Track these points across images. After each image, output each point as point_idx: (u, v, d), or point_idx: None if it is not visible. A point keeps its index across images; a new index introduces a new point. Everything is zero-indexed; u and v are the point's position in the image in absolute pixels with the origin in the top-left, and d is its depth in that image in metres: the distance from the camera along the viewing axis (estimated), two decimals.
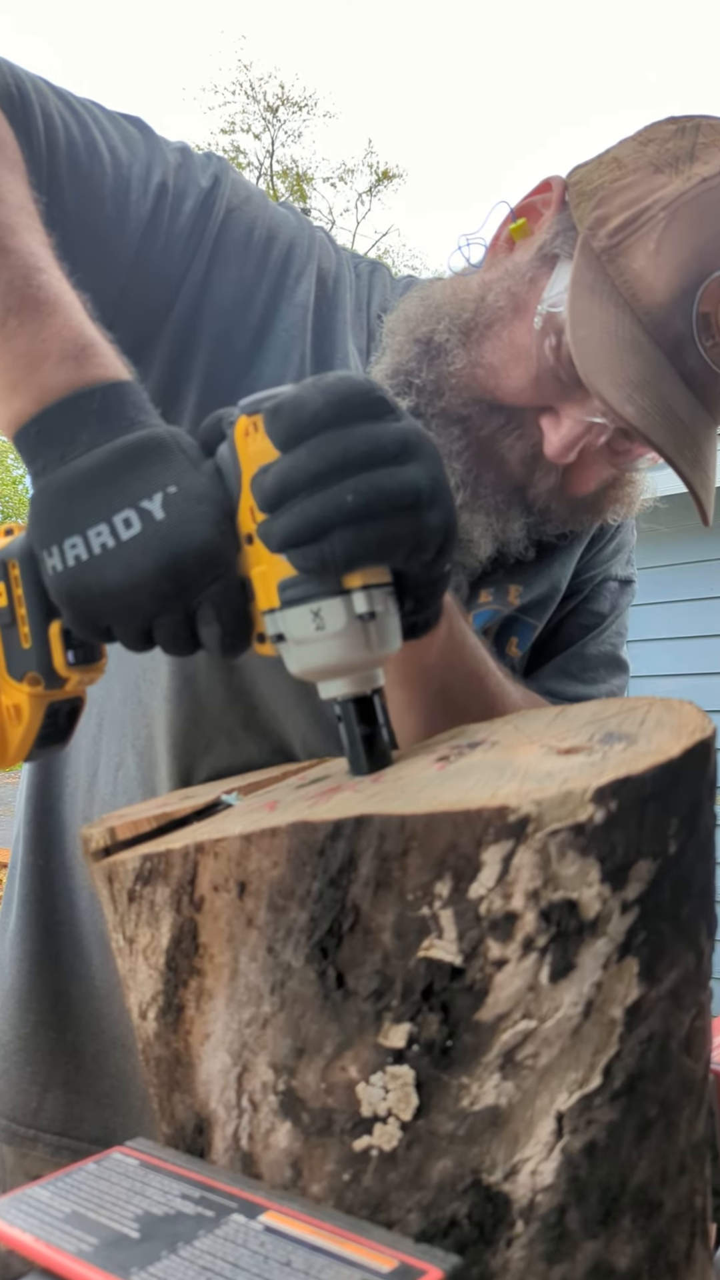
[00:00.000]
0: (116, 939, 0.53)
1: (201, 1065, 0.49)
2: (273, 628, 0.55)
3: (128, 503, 0.53)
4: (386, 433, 0.51)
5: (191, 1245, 0.39)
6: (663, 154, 0.72)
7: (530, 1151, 0.42)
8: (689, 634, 4.50)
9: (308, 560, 0.51)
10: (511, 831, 0.41)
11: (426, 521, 0.52)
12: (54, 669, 0.61)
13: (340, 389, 0.51)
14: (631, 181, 0.72)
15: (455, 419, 0.79)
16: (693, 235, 0.69)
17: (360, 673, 0.55)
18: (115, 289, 0.74)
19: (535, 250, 0.76)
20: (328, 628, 0.53)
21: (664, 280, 0.70)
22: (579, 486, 0.82)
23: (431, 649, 0.68)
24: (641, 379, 0.70)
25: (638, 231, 0.70)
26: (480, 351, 0.77)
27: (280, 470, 0.51)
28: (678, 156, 0.72)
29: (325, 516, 0.50)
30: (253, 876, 0.46)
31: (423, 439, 0.53)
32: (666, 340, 0.71)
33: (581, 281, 0.71)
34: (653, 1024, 0.43)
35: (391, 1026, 0.43)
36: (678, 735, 0.46)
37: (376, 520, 0.51)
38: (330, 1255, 0.38)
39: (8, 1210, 0.43)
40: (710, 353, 0.71)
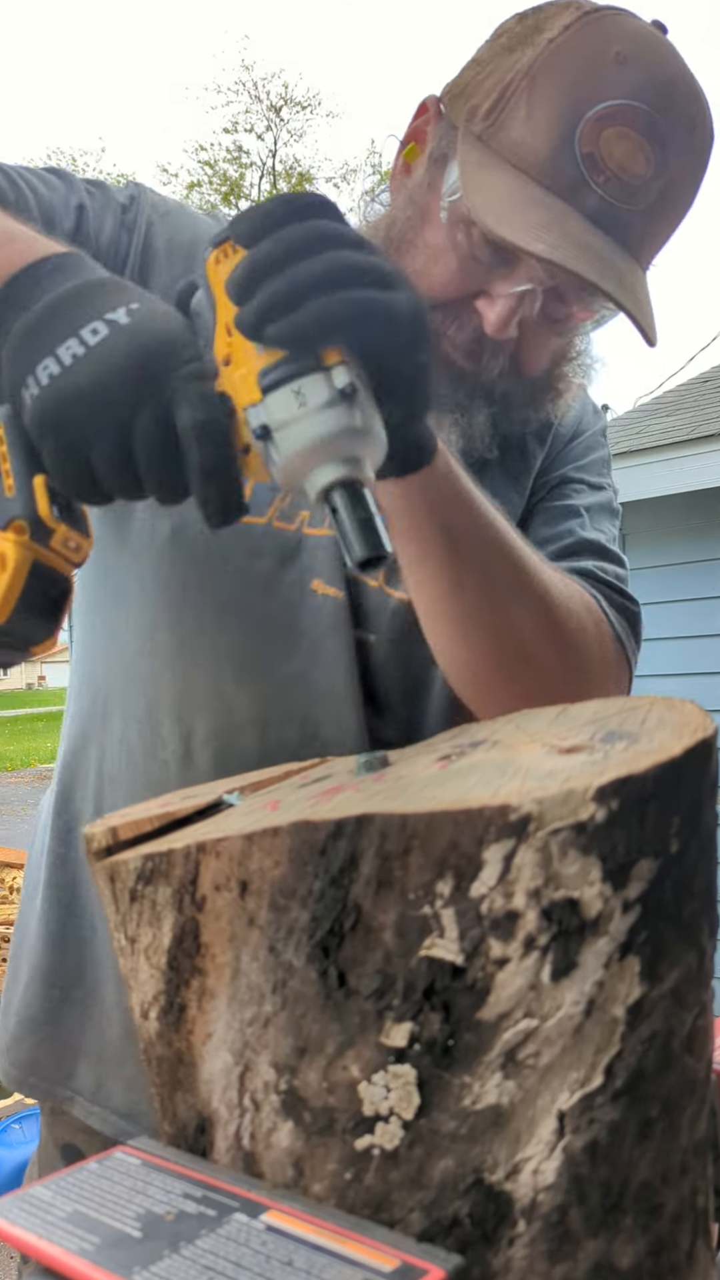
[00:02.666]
0: (118, 938, 0.53)
1: (203, 1065, 0.49)
2: (256, 421, 0.55)
3: (95, 316, 0.55)
4: (347, 229, 0.55)
5: (193, 1244, 0.39)
6: (512, 39, 0.77)
7: (532, 1150, 0.42)
8: (689, 634, 4.50)
9: (282, 333, 0.53)
10: (513, 830, 0.41)
11: (394, 300, 0.54)
12: (39, 516, 0.59)
13: (297, 196, 0.55)
14: (492, 69, 0.76)
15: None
16: (556, 90, 0.73)
17: (348, 453, 0.54)
18: None
19: (426, 160, 0.80)
20: (310, 402, 0.53)
21: (542, 137, 0.73)
22: (530, 365, 0.84)
23: (433, 488, 0.68)
24: (546, 222, 0.72)
25: (507, 106, 0.74)
26: (404, 261, 0.80)
27: (247, 259, 0.54)
28: (525, 34, 0.76)
29: (295, 289, 0.52)
30: (254, 876, 0.46)
31: (376, 246, 0.57)
32: (561, 187, 0.73)
33: (469, 161, 0.74)
34: (654, 1023, 0.43)
35: (393, 1025, 0.43)
36: (679, 734, 0.46)
37: (347, 289, 0.53)
38: (332, 1254, 0.38)
39: (10, 1209, 0.43)
40: (605, 188, 0.73)
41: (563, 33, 0.74)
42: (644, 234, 0.77)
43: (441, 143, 0.80)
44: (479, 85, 0.77)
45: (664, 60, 0.75)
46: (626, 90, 0.73)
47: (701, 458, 4.29)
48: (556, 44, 0.74)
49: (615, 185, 0.74)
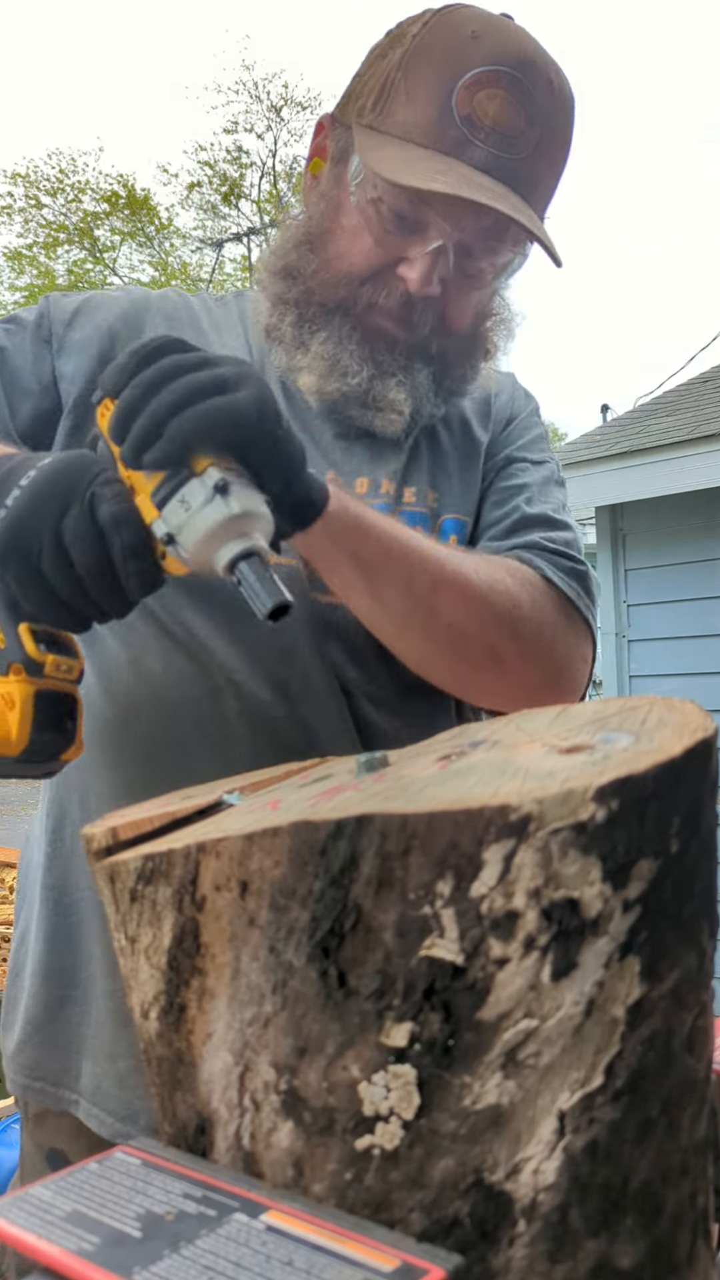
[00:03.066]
0: (118, 938, 0.53)
1: (203, 1065, 0.49)
2: (161, 532, 0.68)
3: (27, 470, 0.69)
4: (188, 356, 0.67)
5: (193, 1244, 0.39)
6: (383, 48, 0.89)
7: (532, 1150, 0.42)
8: (689, 634, 4.50)
9: (155, 459, 0.65)
10: (513, 830, 0.41)
11: (236, 401, 0.66)
12: (29, 655, 0.72)
13: (143, 345, 0.68)
14: (370, 75, 0.87)
15: (334, 309, 0.90)
16: (426, 71, 0.84)
17: (236, 534, 0.66)
18: (19, 414, 0.93)
19: (330, 163, 0.91)
20: (194, 505, 0.66)
21: (423, 111, 0.83)
22: (456, 319, 0.92)
23: (334, 528, 0.78)
24: (439, 169, 0.81)
25: (389, 95, 0.85)
26: (326, 249, 0.90)
27: (116, 409, 0.67)
28: (392, 41, 0.88)
29: (155, 421, 0.64)
30: (254, 876, 0.46)
31: (226, 358, 0.69)
32: (449, 147, 0.82)
33: (366, 146, 0.84)
34: (654, 1023, 0.43)
35: (393, 1025, 0.43)
36: (679, 734, 0.46)
37: (196, 405, 0.64)
38: (332, 1255, 0.38)
39: (9, 1209, 0.43)
40: (487, 142, 0.83)
41: (423, 29, 0.85)
42: (530, 180, 0.85)
43: (339, 144, 0.89)
44: (362, 88, 0.87)
45: (514, 33, 0.85)
46: (487, 58, 0.82)
47: (701, 458, 4.29)
48: (419, 38, 0.85)
49: (495, 138, 0.82)
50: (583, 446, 4.97)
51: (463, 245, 0.86)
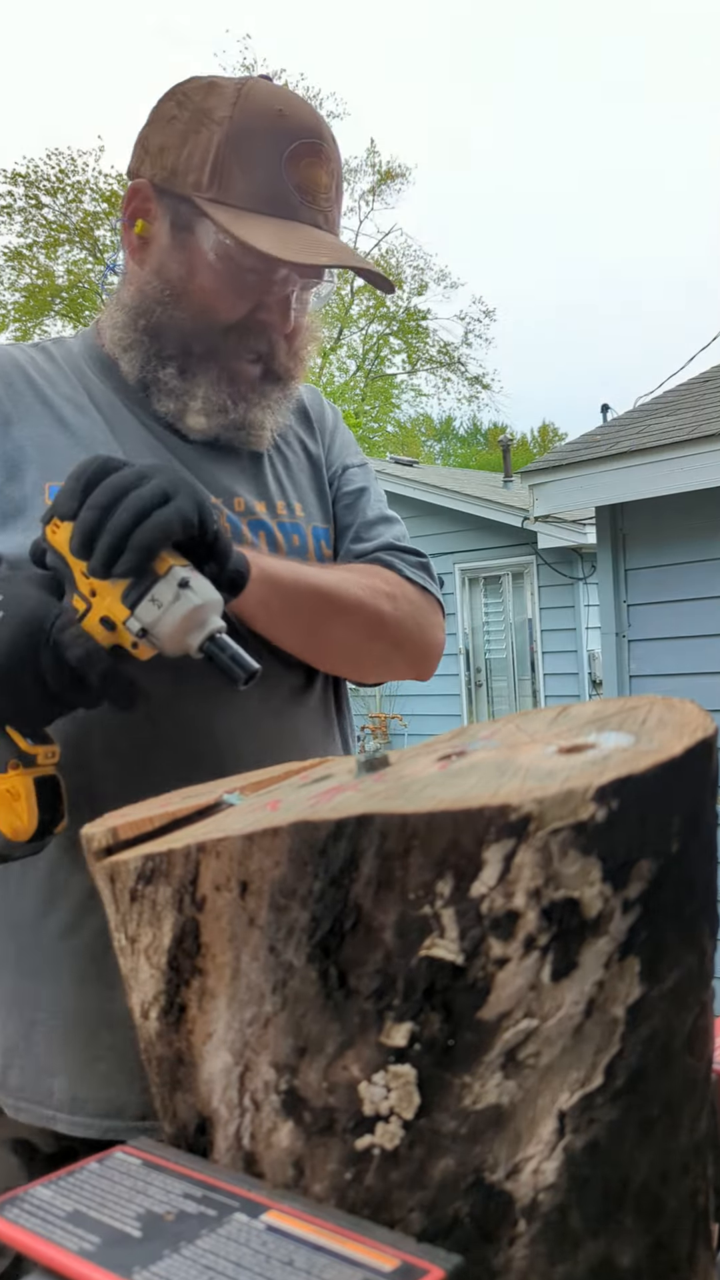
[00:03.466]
0: (119, 938, 0.53)
1: (203, 1065, 0.49)
2: (134, 628, 0.80)
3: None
4: (126, 474, 0.80)
5: (194, 1244, 0.39)
6: (189, 123, 1.00)
7: (532, 1150, 0.42)
8: (689, 634, 4.50)
9: (123, 569, 0.78)
10: (513, 830, 0.41)
11: (180, 508, 0.79)
12: (23, 751, 0.84)
13: (84, 468, 0.81)
14: (190, 150, 0.99)
15: (208, 355, 1.04)
16: (253, 148, 0.98)
17: (204, 619, 0.79)
18: None
19: (169, 228, 1.02)
20: (165, 602, 0.78)
21: (260, 183, 0.98)
22: (298, 342, 1.09)
23: (258, 587, 0.95)
24: (287, 235, 0.98)
25: (223, 171, 0.98)
26: (191, 305, 1.02)
27: (76, 529, 0.80)
28: (199, 116, 0.99)
29: (117, 535, 0.77)
30: (254, 876, 0.46)
31: (154, 467, 0.82)
32: (288, 212, 0.99)
33: (223, 219, 0.97)
34: (654, 1023, 0.43)
35: (393, 1025, 0.43)
36: (679, 734, 0.46)
37: (147, 518, 0.78)
38: (332, 1254, 0.38)
39: (9, 1209, 0.43)
40: (314, 202, 1.01)
41: (235, 110, 0.99)
42: (338, 218, 1.06)
43: (178, 212, 1.01)
44: (188, 164, 0.99)
45: (303, 104, 1.02)
46: (298, 132, 0.99)
47: (701, 458, 4.29)
48: (236, 119, 0.98)
49: (318, 197, 1.01)
50: (583, 446, 4.96)
51: (305, 285, 1.07)
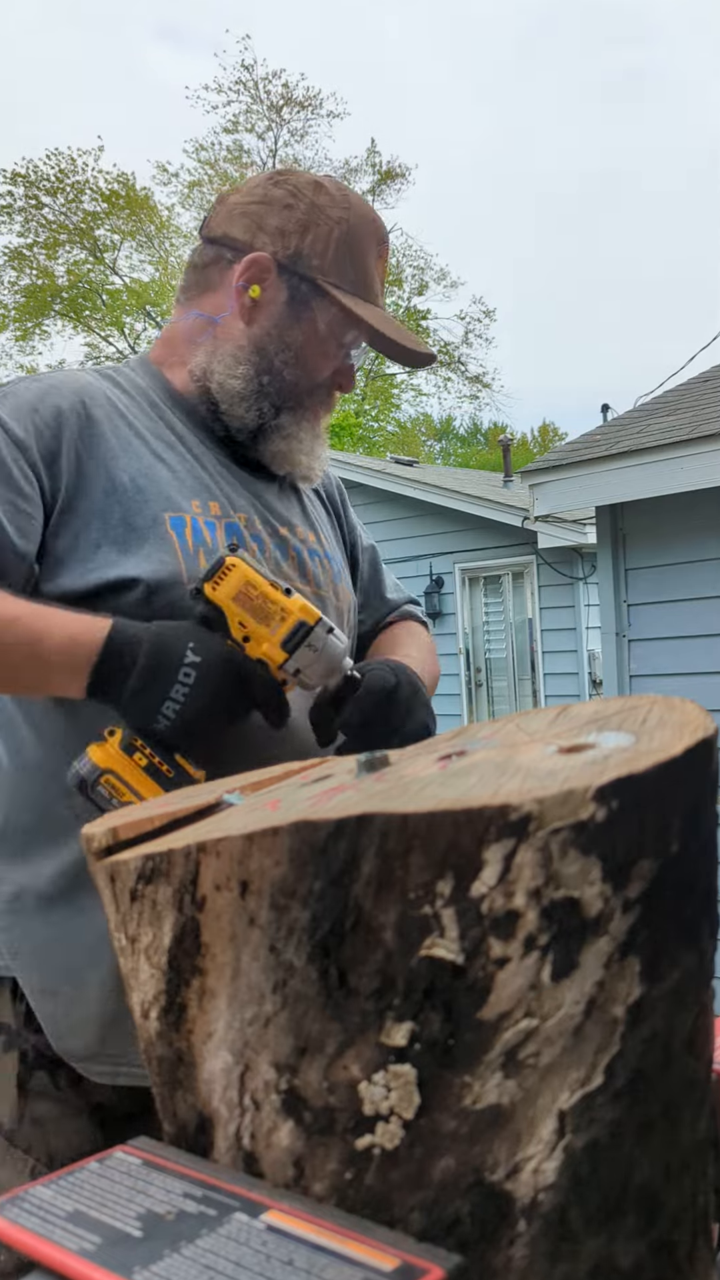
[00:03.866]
0: (119, 938, 0.53)
1: (204, 1064, 0.49)
2: (290, 669, 0.99)
3: (179, 666, 0.96)
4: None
5: (194, 1244, 0.39)
6: (305, 216, 1.19)
7: (532, 1150, 0.42)
8: (689, 634, 4.50)
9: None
10: (513, 830, 0.41)
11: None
12: (193, 777, 0.96)
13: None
14: (311, 240, 1.19)
15: (307, 409, 1.24)
16: (358, 247, 1.21)
17: (341, 661, 1.03)
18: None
19: (287, 298, 1.20)
20: (319, 647, 1.00)
21: (362, 276, 1.21)
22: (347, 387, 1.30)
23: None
24: (378, 317, 1.22)
25: (339, 262, 1.19)
26: (304, 365, 1.21)
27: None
28: (313, 212, 1.19)
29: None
30: (255, 876, 0.46)
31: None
32: (374, 297, 1.23)
33: (344, 301, 1.19)
34: (655, 1023, 0.43)
35: (393, 1025, 0.43)
36: (679, 734, 0.46)
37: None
38: (332, 1254, 0.38)
39: (10, 1209, 0.43)
40: (383, 288, 1.27)
41: (346, 212, 1.20)
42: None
43: (301, 289, 1.19)
44: (311, 250, 1.19)
45: (375, 212, 1.25)
46: (382, 234, 1.24)
47: (701, 458, 4.29)
48: (349, 220, 1.20)
49: (384, 283, 1.28)
50: (583, 446, 4.96)
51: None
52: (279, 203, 1.19)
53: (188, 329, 1.23)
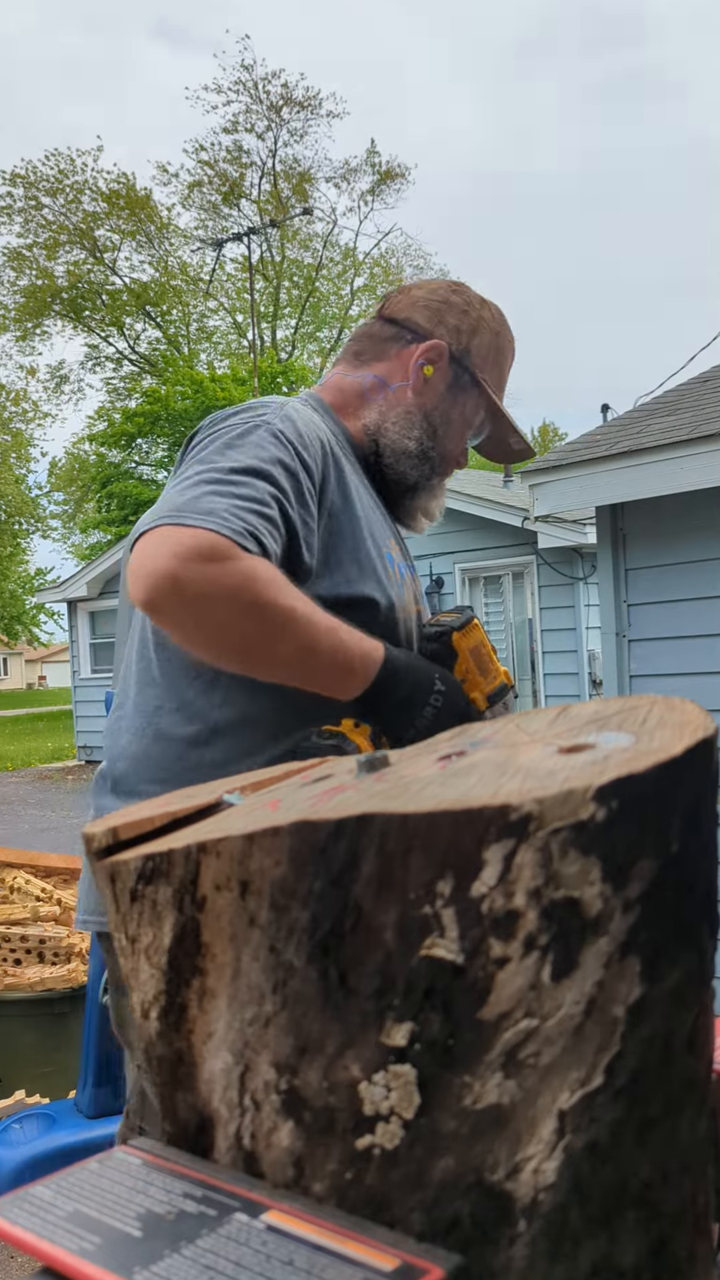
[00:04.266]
0: (119, 938, 0.53)
1: (204, 1064, 0.49)
2: (488, 714, 1.26)
3: (432, 687, 1.22)
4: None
5: (194, 1244, 0.39)
6: (473, 325, 1.45)
7: (532, 1150, 0.42)
8: (689, 634, 4.49)
9: (493, 693, 1.31)
10: (513, 830, 0.41)
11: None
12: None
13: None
14: (477, 344, 1.45)
15: (439, 468, 1.45)
16: (504, 356, 1.48)
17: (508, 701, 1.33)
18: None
19: (452, 384, 1.44)
20: (510, 706, 1.29)
21: (503, 377, 1.50)
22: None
23: None
24: (511, 419, 1.51)
25: (489, 363, 1.46)
26: (452, 439, 1.45)
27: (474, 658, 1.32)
28: (477, 324, 1.45)
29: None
30: (255, 876, 0.46)
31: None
32: (501, 399, 1.49)
33: (493, 397, 1.46)
34: (655, 1023, 0.43)
35: (393, 1025, 0.43)
36: (679, 734, 0.46)
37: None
38: (332, 1254, 0.38)
39: (10, 1209, 0.43)
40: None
41: (502, 329, 1.47)
42: None
43: (463, 380, 1.44)
44: (476, 351, 1.44)
45: (512, 333, 1.51)
46: (513, 355, 1.51)
47: (701, 458, 4.28)
48: (503, 335, 1.47)
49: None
50: (583, 446, 4.96)
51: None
52: (457, 307, 1.45)
53: (361, 386, 1.43)
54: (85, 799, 10.61)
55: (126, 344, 27.67)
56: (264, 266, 26.72)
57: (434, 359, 1.42)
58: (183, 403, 20.93)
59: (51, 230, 25.71)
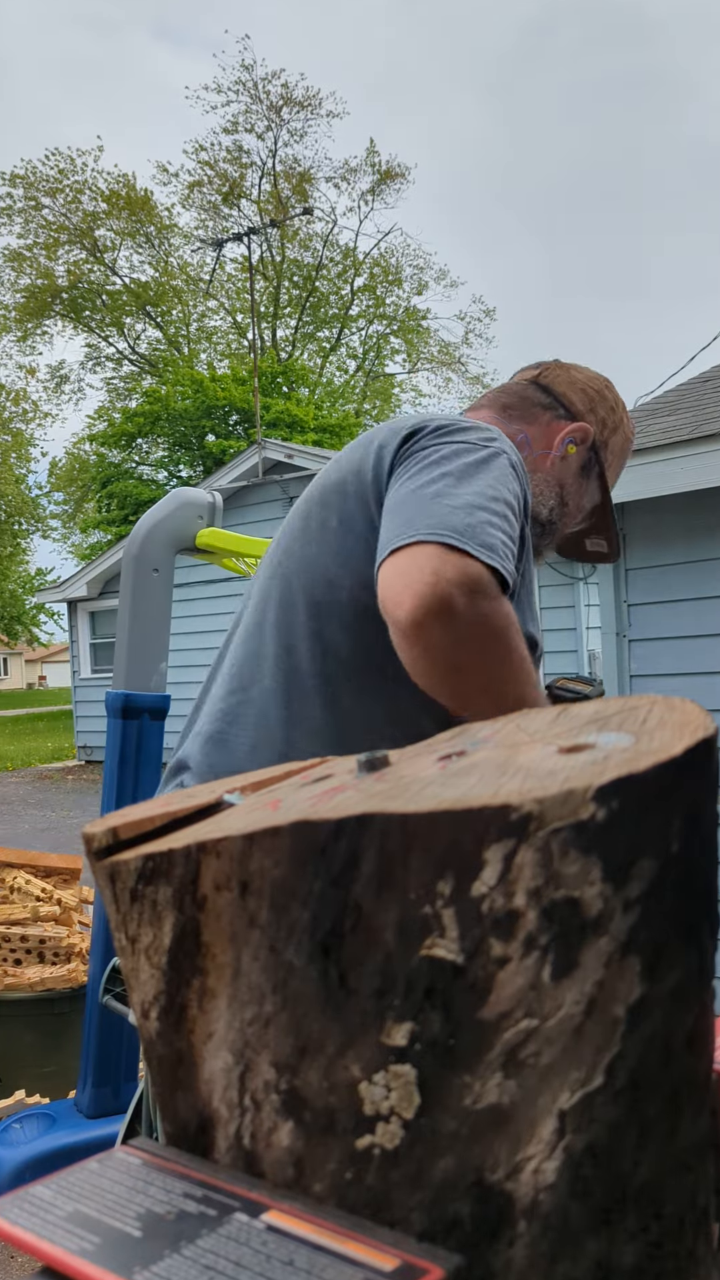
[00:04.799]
0: (119, 938, 0.53)
1: (204, 1064, 0.49)
2: None
3: None
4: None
5: (194, 1244, 0.39)
6: (616, 422, 1.56)
7: (532, 1150, 0.42)
8: (689, 634, 4.50)
9: None
10: (513, 830, 0.41)
11: None
12: None
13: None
14: (613, 440, 1.55)
15: (555, 547, 1.56)
16: (623, 460, 1.59)
17: None
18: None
19: (584, 466, 1.52)
20: None
21: (617, 474, 1.60)
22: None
23: None
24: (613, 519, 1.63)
25: (614, 463, 1.57)
26: (575, 510, 1.52)
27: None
28: (616, 424, 1.56)
29: None
30: (255, 876, 0.46)
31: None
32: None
33: (610, 479, 1.56)
34: (655, 1023, 0.43)
35: (394, 1025, 0.43)
36: (680, 734, 0.46)
37: None
38: (332, 1254, 0.38)
39: (10, 1209, 0.43)
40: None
41: (630, 434, 1.59)
42: None
43: (593, 465, 1.52)
44: (609, 446, 1.54)
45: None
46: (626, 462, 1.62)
47: (701, 458, 4.29)
48: (630, 441, 1.59)
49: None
50: None
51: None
52: (608, 403, 1.56)
53: (513, 440, 1.47)
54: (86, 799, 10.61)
55: (126, 344, 27.67)
56: (264, 266, 26.73)
57: (579, 440, 1.50)
58: (183, 403, 20.94)
59: (51, 230, 25.71)
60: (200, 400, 20.59)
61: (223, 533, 2.71)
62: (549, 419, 1.49)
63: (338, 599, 1.22)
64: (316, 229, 27.46)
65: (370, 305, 28.20)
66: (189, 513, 2.69)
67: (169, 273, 26.92)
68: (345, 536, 1.23)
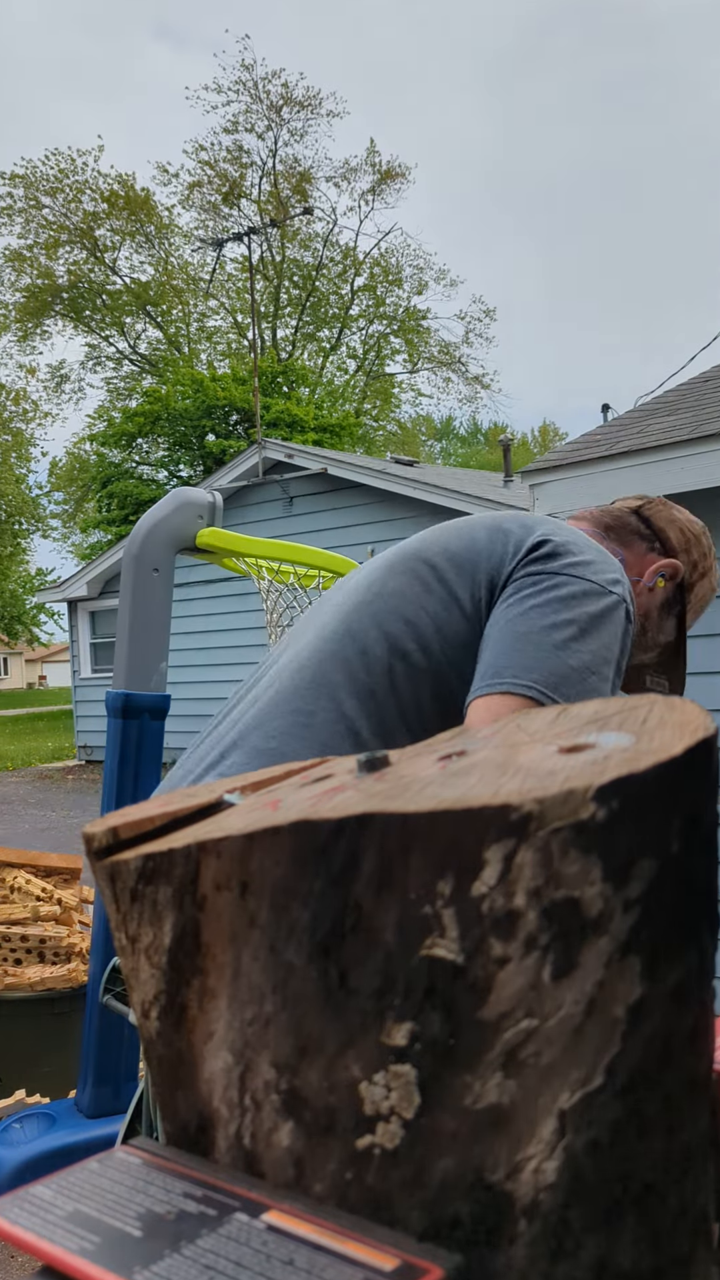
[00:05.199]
0: (119, 938, 0.53)
1: (204, 1064, 0.49)
2: None
3: None
4: None
5: (194, 1244, 0.39)
6: (705, 570, 1.60)
7: (533, 1150, 0.42)
8: (690, 634, 4.50)
9: None
10: (513, 830, 0.41)
11: None
12: None
13: None
14: (698, 586, 1.59)
15: (636, 663, 1.60)
16: (703, 607, 1.61)
17: None
18: None
19: (668, 602, 1.58)
20: None
21: (690, 625, 1.63)
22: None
23: None
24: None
25: (695, 608, 1.61)
26: (656, 637, 1.58)
27: None
28: (706, 571, 1.60)
29: None
30: (255, 876, 0.46)
31: None
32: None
33: (685, 629, 1.60)
34: (655, 1022, 0.43)
35: (394, 1025, 0.43)
36: (680, 734, 0.46)
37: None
38: (332, 1254, 0.38)
39: (10, 1209, 0.43)
40: None
41: (715, 586, 1.62)
42: None
43: (675, 603, 1.57)
44: (695, 590, 1.58)
45: None
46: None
47: (701, 458, 4.29)
48: (712, 593, 1.60)
49: None
50: (583, 446, 4.96)
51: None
52: (702, 547, 1.62)
53: None
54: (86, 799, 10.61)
55: (127, 344, 27.68)
56: (264, 266, 26.74)
57: (670, 576, 1.57)
58: (183, 402, 20.94)
59: (52, 230, 25.72)
60: (200, 400, 20.59)
61: (223, 532, 2.72)
62: (644, 549, 1.55)
63: (419, 664, 1.27)
64: (316, 229, 27.48)
65: (370, 305, 28.21)
66: (189, 512, 2.70)
67: (169, 273, 26.94)
68: (451, 607, 1.29)
